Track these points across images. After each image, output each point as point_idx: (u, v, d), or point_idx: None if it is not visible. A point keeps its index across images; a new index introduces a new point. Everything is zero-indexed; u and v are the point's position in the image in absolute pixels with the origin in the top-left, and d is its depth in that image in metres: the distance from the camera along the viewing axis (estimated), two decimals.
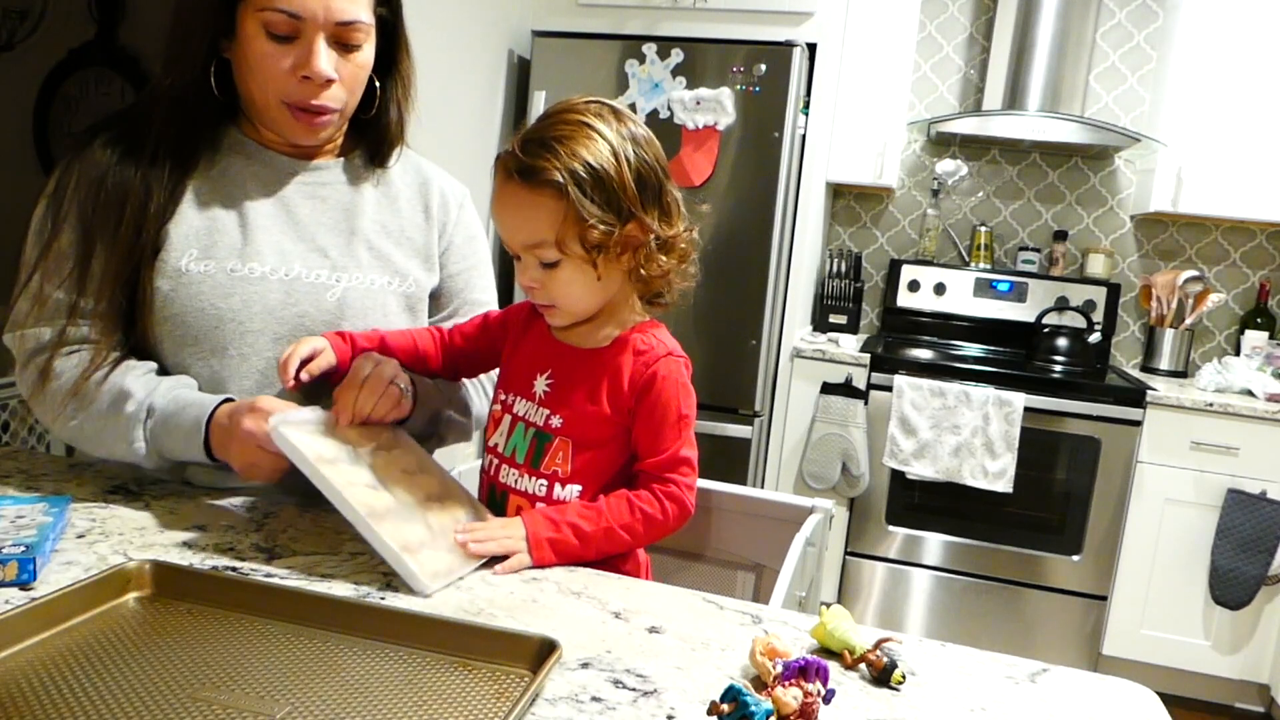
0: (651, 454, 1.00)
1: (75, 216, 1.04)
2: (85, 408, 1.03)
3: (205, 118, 1.08)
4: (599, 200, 0.92)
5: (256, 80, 1.04)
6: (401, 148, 1.20)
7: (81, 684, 0.65)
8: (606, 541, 0.96)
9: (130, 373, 1.04)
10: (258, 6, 0.99)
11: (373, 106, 1.13)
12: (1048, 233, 3.27)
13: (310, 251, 1.11)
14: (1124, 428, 2.65)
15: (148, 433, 1.02)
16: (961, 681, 0.78)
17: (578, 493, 1.01)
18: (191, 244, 1.06)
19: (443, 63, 2.45)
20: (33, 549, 0.80)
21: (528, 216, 0.94)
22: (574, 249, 0.94)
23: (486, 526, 0.94)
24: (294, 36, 1.01)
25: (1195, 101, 2.81)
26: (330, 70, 1.03)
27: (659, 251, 0.98)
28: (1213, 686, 2.73)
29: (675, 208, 1.00)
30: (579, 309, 1.01)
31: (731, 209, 2.67)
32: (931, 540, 2.82)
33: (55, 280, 1.04)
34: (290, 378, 1.00)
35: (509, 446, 1.04)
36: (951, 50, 3.27)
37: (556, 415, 1.01)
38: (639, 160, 0.95)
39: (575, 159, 0.91)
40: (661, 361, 1.00)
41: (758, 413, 2.75)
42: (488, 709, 0.66)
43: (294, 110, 1.05)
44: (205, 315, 1.05)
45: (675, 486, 1.00)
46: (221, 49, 1.05)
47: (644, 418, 1.00)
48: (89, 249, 1.03)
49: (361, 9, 1.03)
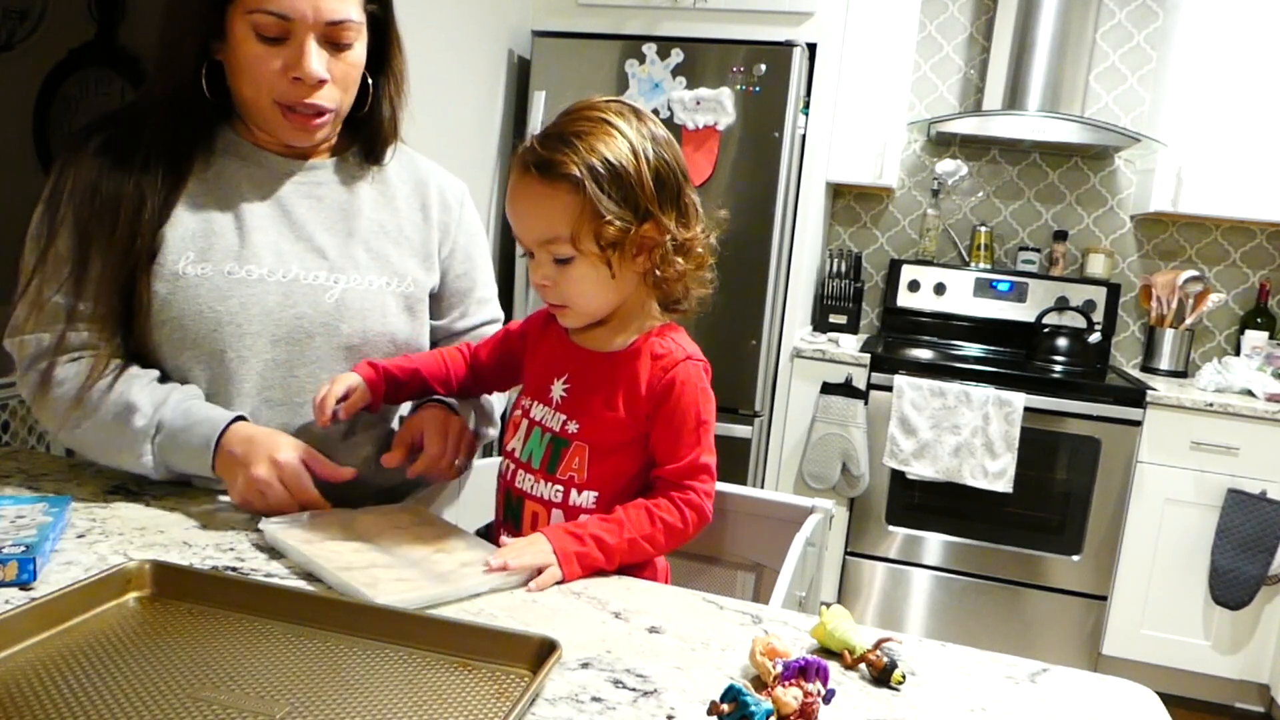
0: (670, 460, 0.99)
1: (71, 221, 1.04)
2: (89, 417, 1.03)
3: (198, 120, 1.08)
4: (616, 197, 0.91)
5: (248, 82, 1.03)
6: (396, 144, 1.19)
7: (81, 684, 0.65)
8: (629, 553, 0.95)
9: (135, 382, 1.03)
10: (247, 9, 0.99)
11: (366, 104, 1.13)
12: (1048, 233, 3.27)
13: (308, 252, 1.10)
14: (1124, 428, 2.65)
15: (155, 448, 1.02)
16: (961, 681, 0.78)
17: (594, 499, 1.00)
18: (188, 247, 1.05)
19: (443, 63, 2.45)
20: (33, 549, 0.80)
21: (544, 211, 0.93)
22: (589, 246, 0.93)
23: (514, 546, 0.92)
24: (284, 38, 1.00)
25: (1195, 101, 2.81)
26: (322, 71, 1.02)
27: (675, 254, 0.97)
28: (1213, 686, 2.73)
29: (693, 211, 0.99)
30: (591, 309, 0.99)
31: (731, 209, 2.63)
32: (931, 540, 2.82)
33: (53, 285, 1.03)
34: (327, 417, 1.02)
35: (525, 452, 1.03)
36: (951, 50, 3.27)
37: (574, 421, 1.00)
38: (659, 160, 0.94)
39: (594, 154, 0.91)
40: (680, 366, 0.99)
41: (758, 413, 2.75)
42: (488, 709, 0.66)
43: (286, 111, 1.05)
44: (203, 318, 1.05)
45: (694, 494, 0.99)
46: (213, 51, 1.04)
47: (662, 424, 0.99)
48: (85, 254, 1.03)
49: (351, 7, 1.03)
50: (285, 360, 1.08)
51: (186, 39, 1.03)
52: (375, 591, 0.80)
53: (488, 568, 0.87)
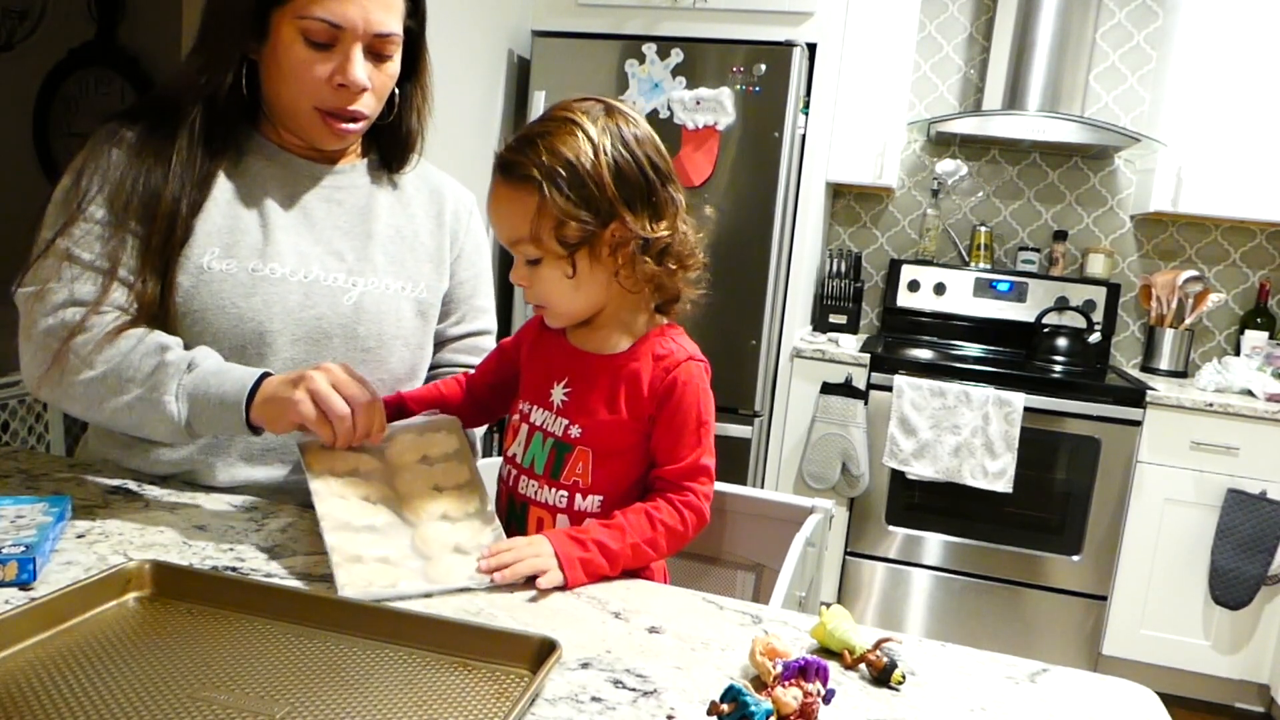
0: (670, 461, 0.99)
1: (107, 199, 1.03)
2: (119, 356, 0.98)
3: (234, 118, 1.09)
4: (576, 197, 0.91)
5: (289, 85, 1.04)
6: (419, 154, 1.21)
7: (81, 684, 0.65)
8: (632, 558, 0.94)
9: (162, 336, 1.01)
10: (297, 14, 1.00)
11: (391, 113, 1.14)
12: (1048, 233, 3.27)
13: (327, 254, 1.11)
14: (1124, 428, 2.65)
15: (184, 387, 0.98)
16: (961, 681, 0.78)
17: (599, 502, 0.99)
18: (214, 241, 1.06)
19: (443, 63, 2.44)
20: (33, 549, 0.80)
21: (507, 212, 0.94)
22: (551, 246, 0.93)
23: (513, 549, 0.89)
24: (332, 44, 1.02)
25: (1195, 101, 2.81)
26: (366, 80, 1.04)
27: (646, 254, 0.95)
28: (1213, 686, 2.73)
29: (669, 209, 0.97)
30: (567, 309, 0.99)
31: (731, 209, 2.67)
32: (931, 540, 2.82)
33: (87, 248, 1.01)
34: None
35: (527, 457, 1.02)
36: (951, 50, 3.27)
37: (575, 425, 0.99)
38: (624, 157, 0.93)
39: (553, 155, 0.91)
40: (682, 367, 0.98)
41: (758, 413, 2.75)
42: (488, 709, 0.66)
43: (324, 116, 1.06)
44: (225, 313, 1.05)
45: (693, 495, 0.98)
46: (249, 51, 1.05)
47: (664, 424, 0.98)
48: (121, 233, 1.02)
49: (396, 20, 1.05)
50: (303, 359, 1.09)
51: (229, 38, 1.03)
52: (346, 576, 0.83)
53: (478, 568, 0.88)
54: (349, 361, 1.10)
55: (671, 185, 0.97)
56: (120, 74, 3.06)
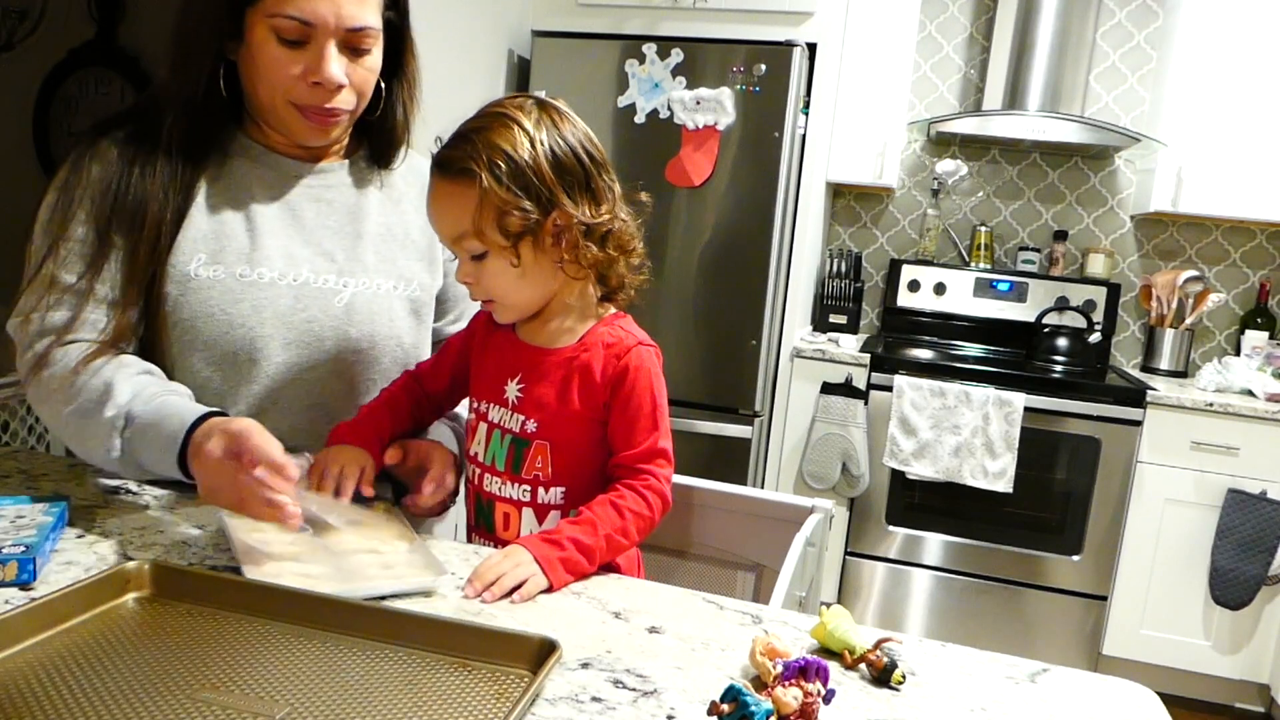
0: (628, 447, 0.99)
1: (89, 214, 1.03)
2: (73, 400, 0.99)
3: (215, 121, 1.08)
4: (515, 187, 0.92)
5: (265, 84, 1.03)
6: (406, 149, 1.20)
7: (81, 684, 0.65)
8: (607, 550, 0.95)
9: (121, 370, 1.00)
10: (268, 12, 0.99)
11: (378, 107, 1.13)
12: (1048, 233, 3.27)
13: (317, 255, 1.10)
14: (1124, 428, 2.65)
15: (124, 441, 0.98)
16: (961, 681, 0.78)
17: (562, 494, 1.00)
18: (200, 248, 1.05)
19: (442, 63, 2.44)
20: (33, 549, 0.80)
21: (447, 207, 0.95)
22: (495, 238, 0.93)
23: (492, 566, 0.87)
24: (304, 42, 1.00)
25: (1195, 101, 2.81)
26: (341, 76, 1.02)
27: (588, 239, 0.96)
28: (1213, 686, 2.73)
29: (607, 196, 0.98)
30: (516, 302, 1.00)
31: (731, 209, 2.67)
32: (931, 540, 2.82)
33: (69, 269, 1.02)
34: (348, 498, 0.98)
35: (488, 455, 1.03)
36: (951, 50, 3.27)
37: (531, 420, 1.00)
38: (560, 147, 0.94)
39: (490, 148, 0.92)
40: (632, 352, 0.99)
41: (758, 413, 2.75)
42: (488, 709, 0.66)
43: (303, 111, 1.05)
44: (214, 321, 1.04)
45: (654, 479, 0.99)
46: (227, 51, 1.04)
47: (619, 411, 0.99)
48: (105, 246, 1.02)
49: (371, 14, 1.03)
50: (297, 364, 1.08)
51: (203, 39, 1.03)
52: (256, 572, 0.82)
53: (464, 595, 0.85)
54: (341, 363, 1.09)
55: (607, 174, 0.99)
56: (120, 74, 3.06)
